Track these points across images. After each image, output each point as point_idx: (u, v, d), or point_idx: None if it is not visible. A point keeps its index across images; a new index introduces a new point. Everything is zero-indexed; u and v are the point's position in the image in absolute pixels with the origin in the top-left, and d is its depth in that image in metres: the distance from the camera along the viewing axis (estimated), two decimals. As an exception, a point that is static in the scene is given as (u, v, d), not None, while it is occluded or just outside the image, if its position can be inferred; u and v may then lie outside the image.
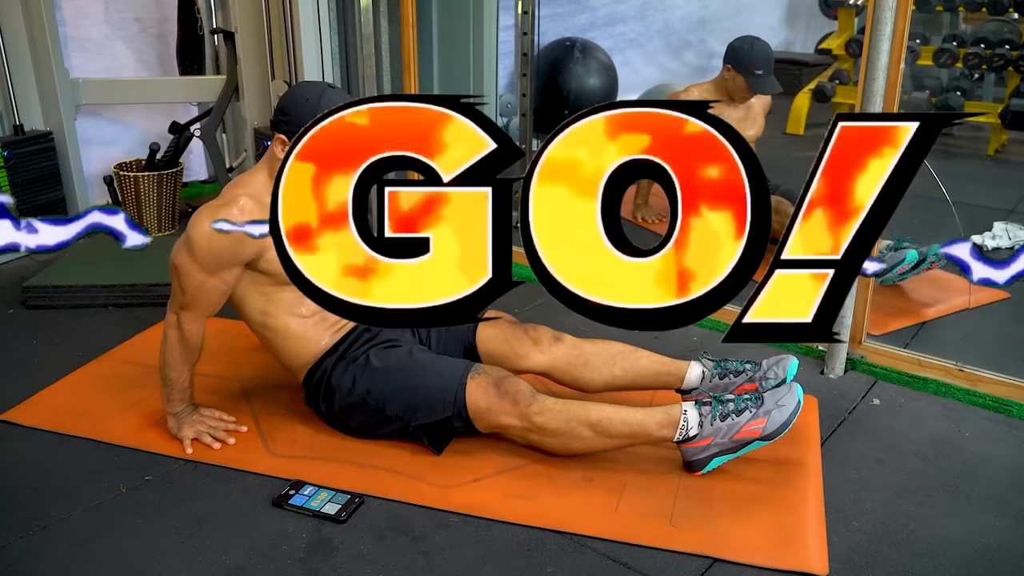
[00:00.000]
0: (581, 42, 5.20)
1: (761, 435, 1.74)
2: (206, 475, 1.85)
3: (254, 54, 3.13)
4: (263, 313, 1.91)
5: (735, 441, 1.75)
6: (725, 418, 1.75)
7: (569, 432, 1.79)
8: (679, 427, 1.76)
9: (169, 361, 1.88)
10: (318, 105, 1.75)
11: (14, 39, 3.14)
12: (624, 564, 1.59)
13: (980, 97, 4.99)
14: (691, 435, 1.76)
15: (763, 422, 1.74)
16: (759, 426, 1.74)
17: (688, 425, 1.76)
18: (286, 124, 1.78)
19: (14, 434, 2.00)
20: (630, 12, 6.08)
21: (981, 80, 5.01)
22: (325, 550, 1.62)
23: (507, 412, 1.80)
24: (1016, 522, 1.72)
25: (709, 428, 1.75)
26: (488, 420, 1.82)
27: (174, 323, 1.84)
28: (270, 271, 1.84)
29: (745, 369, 1.97)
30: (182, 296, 1.81)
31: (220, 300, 1.84)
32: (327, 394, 1.94)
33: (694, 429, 1.76)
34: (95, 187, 3.53)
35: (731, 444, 1.76)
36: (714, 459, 1.78)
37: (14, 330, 2.55)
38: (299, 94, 1.81)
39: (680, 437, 1.77)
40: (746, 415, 1.75)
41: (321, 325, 1.94)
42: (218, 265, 1.78)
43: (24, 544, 1.63)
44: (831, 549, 1.62)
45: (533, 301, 2.81)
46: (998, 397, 2.16)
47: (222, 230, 1.51)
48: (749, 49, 3.13)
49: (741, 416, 1.75)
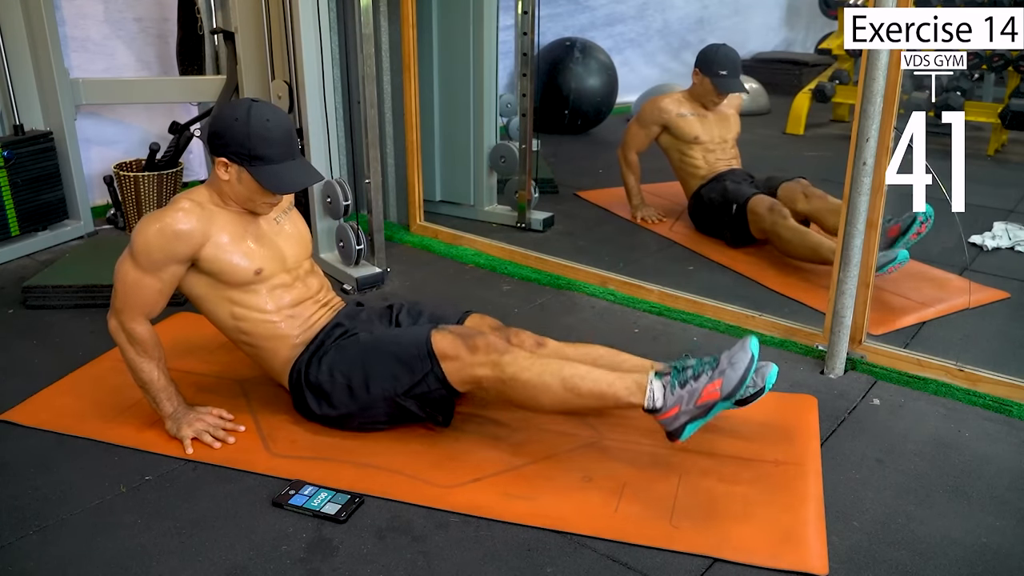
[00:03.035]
0: (581, 42, 5.20)
1: (721, 396, 1.74)
2: (206, 475, 1.85)
3: (254, 54, 3.12)
4: (235, 318, 1.95)
5: (699, 406, 1.76)
6: (684, 385, 1.77)
7: (541, 385, 1.79)
8: (647, 396, 1.78)
9: (133, 366, 1.91)
10: (248, 120, 1.82)
11: (14, 39, 3.14)
12: (624, 564, 1.59)
13: (980, 97, 4.99)
14: (658, 406, 1.78)
15: (719, 383, 1.75)
16: (716, 387, 1.75)
17: (654, 396, 1.78)
18: (223, 146, 1.85)
19: (14, 434, 2.00)
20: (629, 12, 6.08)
21: (981, 80, 5.02)
22: (325, 550, 1.62)
23: (479, 363, 1.82)
24: (1016, 522, 1.72)
25: (672, 397, 1.77)
26: (462, 373, 1.84)
27: (116, 328, 1.89)
28: (214, 271, 1.89)
29: (704, 370, 1.88)
30: (115, 299, 1.87)
31: (158, 299, 1.88)
32: (311, 389, 1.95)
33: (659, 400, 1.77)
34: (95, 187, 3.54)
35: (696, 410, 1.76)
36: (687, 426, 1.78)
37: (14, 330, 2.55)
38: (227, 115, 1.86)
39: (648, 406, 1.78)
40: (703, 379, 1.76)
41: (291, 322, 1.97)
42: (152, 263, 1.83)
43: (24, 544, 1.63)
44: (831, 549, 1.62)
45: (533, 301, 2.82)
46: (998, 397, 2.16)
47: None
48: (714, 53, 3.38)
49: (699, 381, 1.76)
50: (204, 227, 1.86)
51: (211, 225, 1.87)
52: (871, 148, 2.12)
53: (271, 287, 1.95)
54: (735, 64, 3.37)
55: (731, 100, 3.51)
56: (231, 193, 1.90)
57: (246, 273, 1.91)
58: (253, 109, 1.83)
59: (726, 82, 3.34)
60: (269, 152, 1.83)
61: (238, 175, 1.86)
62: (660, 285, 2.79)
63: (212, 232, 1.87)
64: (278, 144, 1.84)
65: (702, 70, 3.37)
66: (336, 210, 2.92)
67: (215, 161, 1.88)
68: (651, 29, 6.25)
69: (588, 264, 2.99)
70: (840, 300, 2.28)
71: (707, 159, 3.41)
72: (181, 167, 3.46)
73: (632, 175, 3.59)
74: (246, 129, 1.81)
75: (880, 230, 2.22)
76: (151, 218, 1.86)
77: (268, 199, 1.91)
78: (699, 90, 3.40)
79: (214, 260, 1.88)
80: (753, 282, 2.97)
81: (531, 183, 3.47)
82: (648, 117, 3.47)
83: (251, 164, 1.84)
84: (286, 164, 1.87)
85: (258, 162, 1.84)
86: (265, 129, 1.82)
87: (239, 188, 1.88)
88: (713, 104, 3.42)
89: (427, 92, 3.46)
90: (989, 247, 3.28)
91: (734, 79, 3.36)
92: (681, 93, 3.51)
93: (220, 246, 1.88)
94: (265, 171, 1.84)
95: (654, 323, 2.66)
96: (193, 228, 1.84)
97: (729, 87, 3.36)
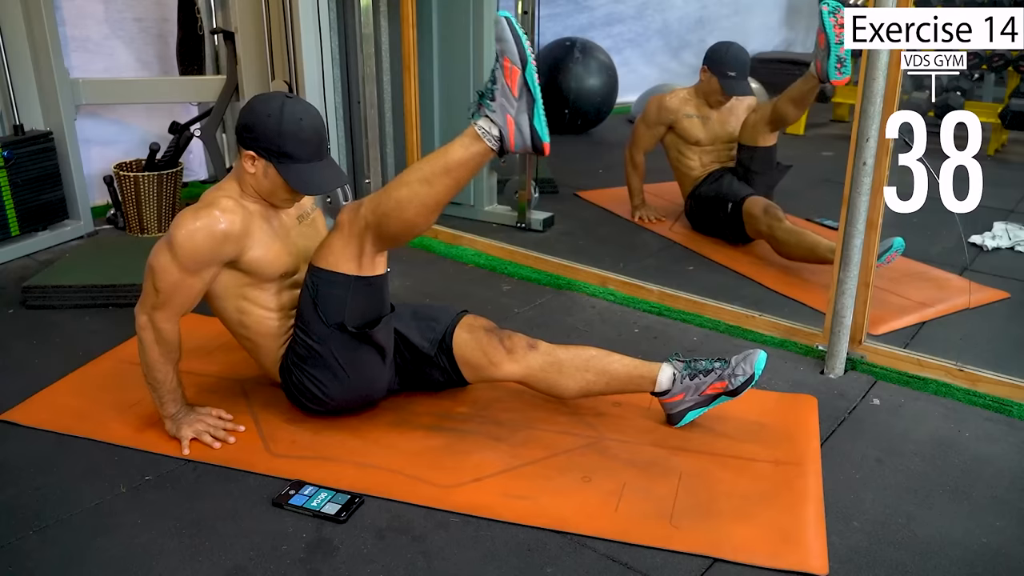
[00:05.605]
0: (581, 42, 5.20)
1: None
2: (206, 475, 1.85)
3: (254, 54, 3.13)
4: (240, 311, 1.93)
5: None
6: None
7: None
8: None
9: (151, 364, 1.88)
10: (281, 117, 1.79)
11: (14, 39, 3.14)
12: (624, 564, 1.59)
13: (980, 97, 4.99)
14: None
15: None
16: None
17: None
18: (252, 140, 1.82)
19: (14, 434, 1.99)
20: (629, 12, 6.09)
21: (981, 80, 5.02)
22: (325, 550, 1.62)
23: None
24: (1016, 522, 1.72)
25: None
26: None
27: (146, 325, 1.85)
28: (251, 270, 1.88)
29: (715, 368, 1.98)
30: (155, 296, 1.82)
31: (196, 298, 1.86)
32: (296, 360, 1.93)
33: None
34: (95, 187, 3.54)
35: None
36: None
37: (14, 330, 2.55)
38: (260, 109, 1.82)
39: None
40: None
41: (289, 322, 1.96)
42: (197, 264, 1.80)
43: (24, 544, 1.63)
44: (831, 549, 1.62)
45: (533, 301, 2.82)
46: (998, 397, 2.17)
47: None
48: (724, 52, 3.34)
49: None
50: (247, 226, 1.83)
51: (252, 224, 1.85)
52: (871, 148, 2.12)
53: (284, 286, 1.95)
54: (744, 66, 3.32)
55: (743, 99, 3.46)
56: (255, 185, 1.87)
57: (275, 272, 1.89)
58: (287, 106, 1.80)
59: (733, 84, 3.30)
60: (299, 151, 1.81)
61: (264, 170, 1.83)
62: (660, 285, 2.79)
63: (253, 231, 1.84)
64: (308, 143, 1.82)
65: (711, 68, 3.32)
66: (336, 210, 2.92)
67: (242, 153, 1.84)
68: (650, 29, 6.25)
69: (588, 264, 2.99)
70: (840, 300, 2.28)
71: (702, 160, 3.41)
72: (181, 167, 3.46)
73: (637, 176, 3.58)
74: (278, 126, 1.79)
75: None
76: (193, 216, 1.79)
77: (290, 195, 1.89)
78: (706, 88, 3.37)
79: (254, 260, 1.85)
80: (753, 282, 2.97)
81: (531, 183, 3.48)
82: (654, 117, 3.46)
83: (279, 161, 1.81)
84: (314, 164, 1.84)
85: (287, 160, 1.81)
86: (298, 127, 1.79)
87: (264, 183, 1.85)
88: (718, 103, 3.39)
89: (427, 92, 3.46)
90: (989, 247, 3.28)
91: (742, 81, 3.31)
92: (687, 91, 3.47)
93: (262, 244, 1.85)
94: (293, 169, 1.81)
95: (654, 323, 2.66)
96: (240, 229, 1.81)
97: (735, 90, 3.32)
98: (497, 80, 1.75)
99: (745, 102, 3.46)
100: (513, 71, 1.73)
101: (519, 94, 1.74)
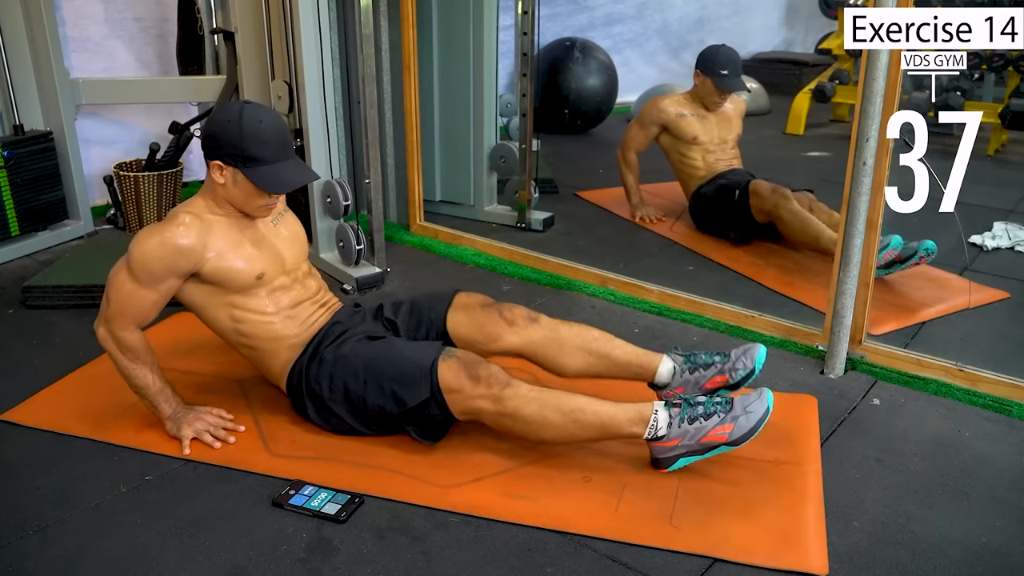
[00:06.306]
0: (581, 42, 5.20)
1: (727, 440, 1.75)
2: (206, 475, 1.85)
3: (254, 54, 3.12)
4: (235, 321, 1.94)
5: (701, 444, 1.77)
6: (693, 421, 1.76)
7: (541, 420, 1.77)
8: (649, 425, 1.77)
9: (127, 373, 1.91)
10: (240, 122, 1.81)
11: (14, 39, 3.14)
12: (624, 564, 1.59)
13: (980, 97, 4.99)
14: (660, 435, 1.78)
15: (730, 427, 1.75)
16: (725, 431, 1.75)
17: (657, 425, 1.77)
18: (217, 149, 1.85)
19: (14, 434, 2.00)
20: (628, 12, 6.08)
21: (981, 80, 5.01)
22: (325, 550, 1.62)
23: (481, 395, 1.79)
24: (1016, 522, 1.72)
25: (677, 430, 1.77)
26: (463, 404, 1.81)
27: (105, 336, 1.89)
28: (218, 280, 1.89)
29: (715, 362, 1.98)
30: (107, 307, 1.86)
31: (151, 309, 1.88)
32: (310, 395, 1.95)
33: (663, 430, 1.77)
34: (95, 187, 3.54)
35: (697, 447, 1.77)
36: (680, 459, 1.79)
37: (14, 330, 2.55)
38: (219, 118, 1.85)
39: (649, 435, 1.78)
40: (714, 419, 1.76)
41: (290, 323, 1.97)
42: (150, 277, 1.83)
43: (24, 544, 1.63)
44: (831, 549, 1.62)
45: (533, 301, 2.82)
46: (998, 397, 2.16)
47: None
48: (714, 53, 3.38)
49: (709, 420, 1.76)
50: (204, 240, 1.85)
51: (210, 236, 1.87)
52: (871, 148, 2.12)
53: (271, 290, 1.95)
54: (736, 64, 3.37)
55: (736, 104, 3.51)
56: (227, 196, 1.89)
57: (248, 278, 1.90)
58: (245, 110, 1.83)
59: (728, 81, 3.33)
60: (263, 153, 1.83)
61: (233, 177, 1.86)
62: (660, 285, 2.79)
63: (212, 243, 1.86)
64: (271, 144, 1.84)
65: (703, 71, 3.37)
66: (336, 210, 2.92)
67: (210, 165, 1.87)
68: (650, 29, 6.25)
69: (588, 264, 2.99)
70: (840, 300, 2.28)
71: (706, 159, 3.41)
72: (181, 167, 3.46)
73: (631, 175, 3.59)
74: (239, 131, 1.81)
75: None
76: (150, 231, 1.85)
77: (264, 201, 1.90)
78: (701, 91, 3.40)
79: (216, 271, 1.87)
80: (753, 282, 2.97)
81: (531, 183, 3.48)
82: (648, 118, 3.47)
83: (245, 165, 1.83)
84: (280, 164, 1.86)
85: (252, 163, 1.83)
86: (258, 130, 1.82)
87: (234, 191, 1.87)
88: (715, 105, 3.41)
89: (427, 92, 3.46)
90: (989, 247, 3.28)
91: (736, 78, 3.36)
92: (682, 95, 3.51)
93: (221, 256, 1.87)
94: (259, 172, 1.84)
95: (654, 323, 2.66)
96: (194, 243, 1.84)
97: (731, 86, 3.35)
98: (710, 419, 1.75)
99: (737, 106, 3.50)
100: (720, 437, 1.75)
101: (701, 446, 1.77)
